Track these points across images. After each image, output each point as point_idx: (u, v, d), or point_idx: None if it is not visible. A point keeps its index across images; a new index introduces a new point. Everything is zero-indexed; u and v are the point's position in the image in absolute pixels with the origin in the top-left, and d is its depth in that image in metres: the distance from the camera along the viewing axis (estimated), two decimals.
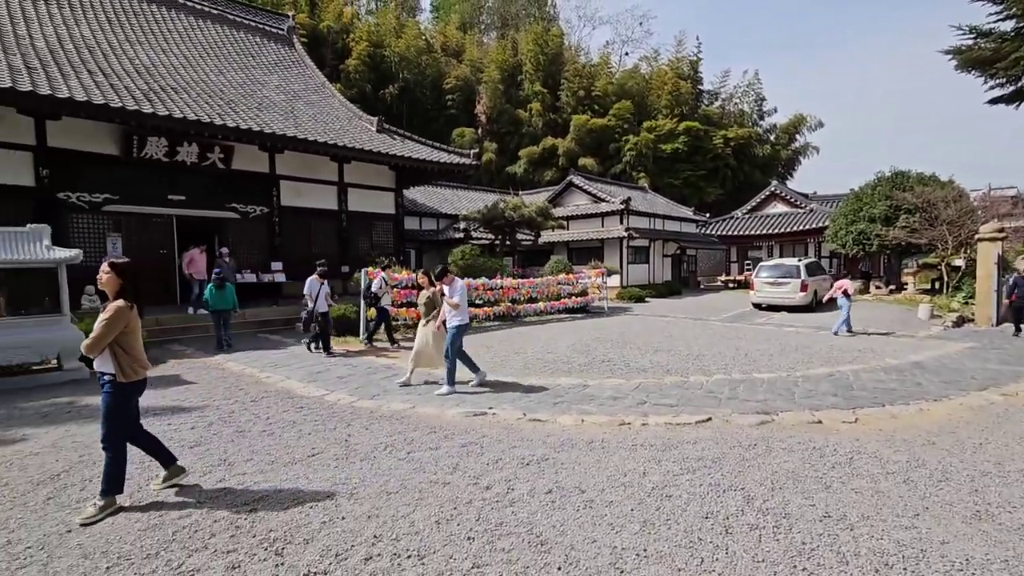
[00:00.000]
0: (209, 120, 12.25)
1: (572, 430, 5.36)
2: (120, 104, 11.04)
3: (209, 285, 10.35)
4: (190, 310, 12.27)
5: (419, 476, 4.13)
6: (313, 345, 10.16)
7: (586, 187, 26.38)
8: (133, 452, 3.95)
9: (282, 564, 2.89)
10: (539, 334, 12.41)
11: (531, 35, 42.27)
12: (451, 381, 7.02)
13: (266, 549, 3.03)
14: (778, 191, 28.23)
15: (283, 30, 21.75)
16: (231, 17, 20.08)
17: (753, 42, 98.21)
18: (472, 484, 3.97)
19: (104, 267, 3.66)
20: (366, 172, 17.19)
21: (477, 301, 14.09)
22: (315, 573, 2.81)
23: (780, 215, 26.92)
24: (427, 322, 7.45)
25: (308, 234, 16.30)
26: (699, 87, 44.27)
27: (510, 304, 14.86)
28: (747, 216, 28.17)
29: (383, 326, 11.10)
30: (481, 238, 21.89)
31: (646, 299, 21.29)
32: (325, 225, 16.66)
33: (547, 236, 23.61)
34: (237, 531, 3.25)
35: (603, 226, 24.75)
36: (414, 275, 12.64)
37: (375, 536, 3.19)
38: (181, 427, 5.43)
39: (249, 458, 4.54)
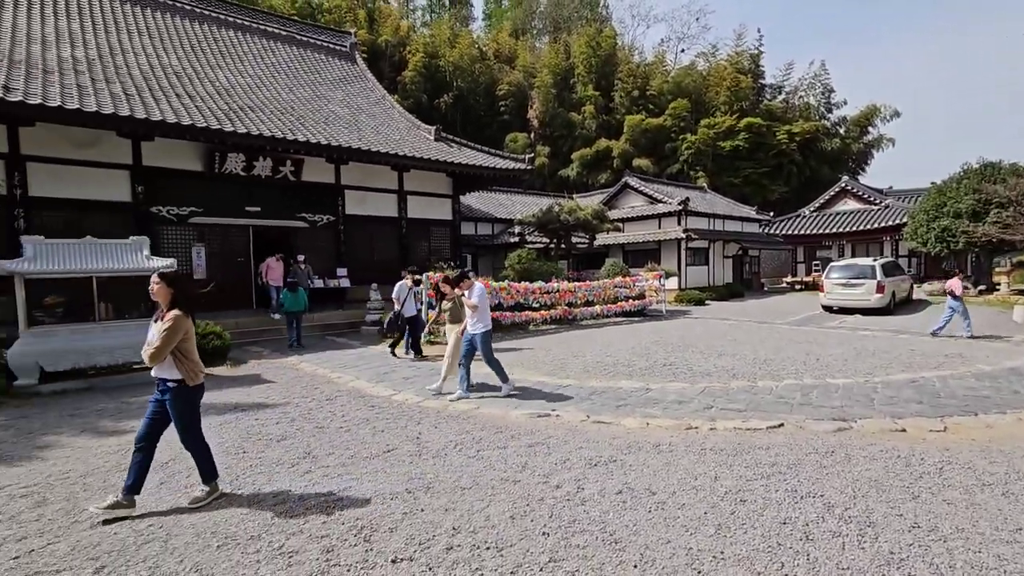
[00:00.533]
0: (282, 136, 13.06)
1: (637, 433, 5.35)
2: (205, 124, 11.97)
3: (284, 289, 11.13)
4: (274, 316, 13.04)
5: (490, 473, 4.26)
6: (397, 349, 10.24)
7: (642, 188, 26.00)
8: (226, 442, 4.31)
9: (371, 550, 3.09)
10: (597, 337, 12.37)
11: (583, 37, 42.16)
12: (504, 379, 7.09)
13: (355, 535, 3.25)
14: (849, 187, 26.75)
15: (346, 47, 22.80)
16: (300, 38, 21.29)
17: (819, 32, 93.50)
18: (542, 483, 4.07)
19: (155, 277, 3.75)
20: (424, 180, 17.73)
21: (534, 304, 14.20)
22: (402, 559, 2.99)
23: (851, 212, 25.50)
24: (454, 329, 7.42)
25: (370, 241, 16.98)
26: (760, 81, 42.64)
27: (566, 307, 14.87)
28: (815, 214, 26.87)
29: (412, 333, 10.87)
30: (536, 242, 22.02)
31: (706, 302, 20.72)
32: (386, 232, 17.30)
33: (602, 239, 23.43)
34: (328, 518, 3.49)
35: (660, 227, 24.31)
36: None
37: (454, 528, 3.34)
38: (267, 422, 5.84)
39: (330, 452, 4.84)
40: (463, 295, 7.18)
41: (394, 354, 10.15)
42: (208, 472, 3.89)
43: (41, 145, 11.43)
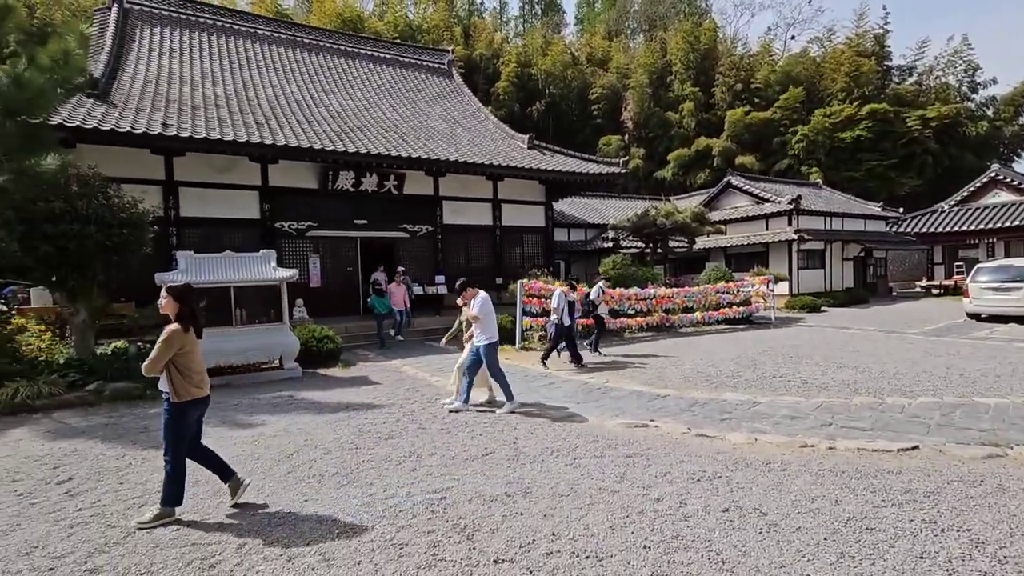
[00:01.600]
0: (386, 152, 13.97)
1: (745, 448, 5.04)
2: (321, 146, 13.13)
3: (372, 295, 12.00)
4: (398, 339, 13.21)
5: (587, 482, 4.24)
6: (549, 359, 9.86)
7: (746, 187, 24.49)
8: (341, 438, 4.65)
9: (474, 548, 3.20)
10: (697, 345, 11.82)
11: (680, 33, 40.76)
12: (509, 396, 6.76)
13: (459, 533, 3.38)
14: (1000, 176, 23.23)
15: (443, 64, 23.89)
16: (401, 59, 22.66)
17: (959, 2, 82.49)
18: (642, 495, 3.97)
19: (163, 292, 3.81)
20: (518, 188, 18.05)
21: (629, 311, 13.90)
22: (503, 560, 3.07)
23: (1003, 205, 22.14)
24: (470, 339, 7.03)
25: (466, 249, 17.58)
26: (886, 64, 38.56)
27: (663, 314, 14.38)
28: (956, 209, 23.67)
29: (595, 336, 11.20)
30: (631, 247, 21.53)
31: (822, 308, 19.03)
32: (481, 240, 17.82)
33: (702, 242, 22.38)
34: (433, 515, 3.67)
35: (767, 228, 22.74)
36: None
37: (553, 534, 3.36)
38: (376, 421, 6.25)
39: (433, 452, 5.07)
40: (466, 305, 6.89)
41: (545, 365, 9.70)
42: (169, 496, 3.71)
43: (189, 172, 13.17)
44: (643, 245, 20.53)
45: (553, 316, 9.77)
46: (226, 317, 9.10)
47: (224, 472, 3.99)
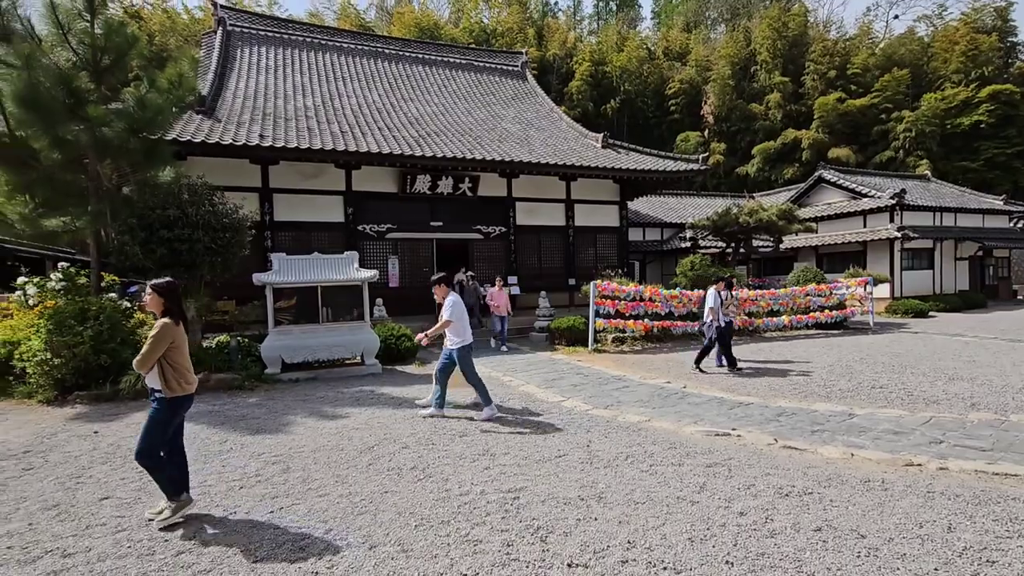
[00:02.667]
0: (462, 156, 14.30)
1: (840, 464, 4.67)
2: (400, 151, 13.67)
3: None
4: (503, 349, 12.35)
5: (664, 490, 4.09)
6: (704, 366, 9.24)
7: (841, 182, 22.72)
8: (417, 433, 4.77)
9: (547, 550, 3.19)
10: (784, 352, 11.11)
11: (767, 20, 38.57)
12: (487, 401, 6.47)
13: (532, 534, 3.38)
14: None
15: (517, 66, 24.10)
16: (476, 64, 23.12)
17: None
18: (723, 507, 3.78)
19: (148, 288, 3.79)
20: (591, 187, 17.84)
21: None
22: (577, 564, 3.03)
23: None
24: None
25: (538, 250, 17.61)
26: (1010, 39, 34.45)
27: (746, 318, 13.64)
28: None
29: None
30: (710, 246, 20.63)
31: (930, 313, 17.27)
32: (553, 240, 17.78)
33: (790, 241, 21.04)
34: (506, 513, 3.70)
35: (865, 226, 20.97)
36: (640, 287, 12.60)
37: (628, 542, 3.28)
38: (449, 418, 6.40)
39: (506, 452, 5.11)
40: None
41: (700, 369, 9.12)
42: (174, 487, 3.75)
43: (282, 179, 14.18)
44: (724, 245, 19.61)
45: (707, 316, 9.20)
46: (313, 315, 9.69)
47: (179, 487, 3.82)
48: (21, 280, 9.11)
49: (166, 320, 3.68)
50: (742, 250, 19.08)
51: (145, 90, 9.08)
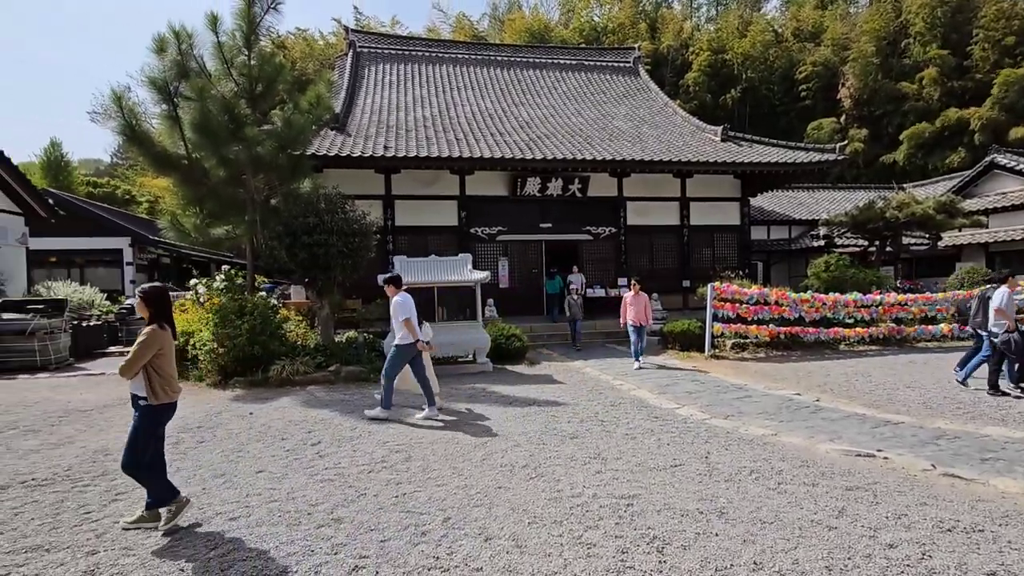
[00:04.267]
0: (572, 157, 14.29)
1: (1020, 500, 3.95)
2: (512, 155, 13.99)
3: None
4: (635, 363, 11.07)
5: (795, 512, 3.74)
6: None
7: (1020, 167, 19.26)
8: (528, 432, 4.83)
9: (664, 562, 3.07)
10: (943, 364, 9.67)
11: None
12: (385, 404, 6.56)
13: (648, 543, 3.27)
14: None
15: (629, 62, 23.56)
16: (586, 63, 22.99)
17: None
18: (867, 536, 3.36)
19: (137, 294, 3.80)
20: (709, 184, 16.89)
21: (847, 320, 11.99)
22: None
23: None
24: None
25: (650, 250, 17.05)
26: None
27: (893, 325, 12.07)
28: None
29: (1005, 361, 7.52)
30: (849, 244, 18.55)
31: None
32: (666, 241, 17.11)
33: (950, 238, 18.25)
34: (620, 520, 3.62)
35: None
36: (765, 289, 11.70)
37: (755, 563, 3.04)
38: (560, 419, 6.41)
39: (618, 456, 5.00)
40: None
41: (1000, 390, 7.34)
42: (165, 494, 3.68)
43: (403, 187, 15.16)
44: (866, 243, 17.53)
45: (992, 322, 7.35)
46: (429, 314, 10.23)
47: (163, 496, 3.72)
48: (193, 281, 10.69)
49: (153, 326, 3.62)
50: (889, 248, 16.90)
51: (290, 112, 10.22)
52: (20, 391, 8.56)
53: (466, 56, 22.20)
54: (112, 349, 13.19)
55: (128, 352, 3.61)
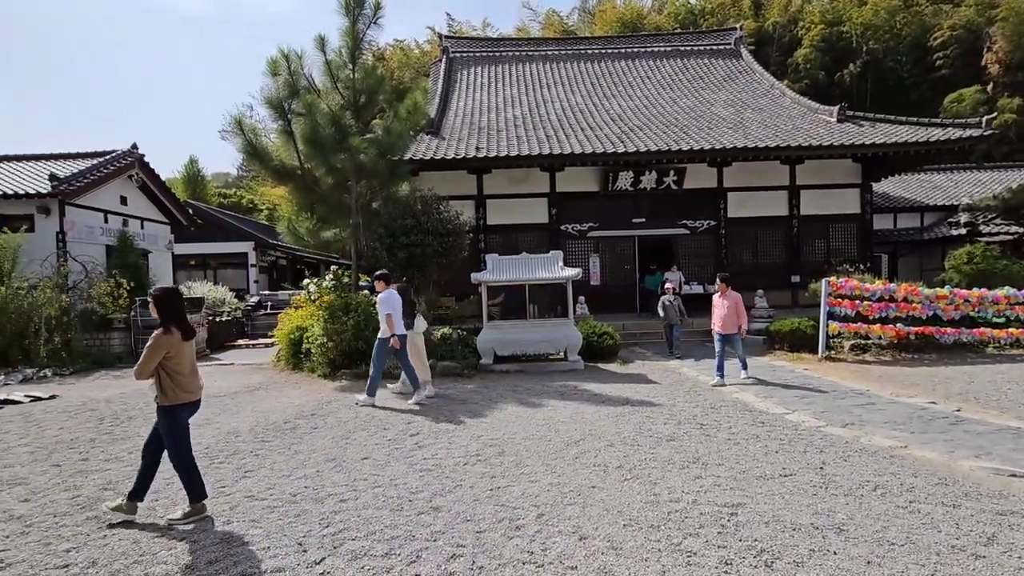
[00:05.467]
0: (667, 148, 13.73)
1: None
2: (603, 150, 13.74)
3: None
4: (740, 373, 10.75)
5: (932, 535, 3.31)
6: None
7: None
8: (622, 432, 4.69)
9: None
10: None
11: None
12: (370, 392, 7.23)
13: (755, 556, 3.05)
14: None
15: (730, 44, 22.21)
16: (682, 49, 22.00)
17: None
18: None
19: (150, 296, 3.88)
20: (822, 170, 15.46)
21: (994, 319, 10.43)
22: None
23: None
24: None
25: (753, 244, 15.97)
26: None
27: None
28: None
29: None
30: (997, 233, 16.12)
31: None
32: (772, 233, 15.92)
33: None
34: (723, 529, 3.41)
35: None
36: (891, 284, 10.52)
37: None
38: (656, 421, 6.18)
39: (720, 462, 4.72)
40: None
41: None
42: (194, 492, 3.80)
43: (494, 186, 15.44)
44: (1021, 230, 15.13)
45: None
46: (521, 312, 10.32)
47: (141, 491, 3.84)
48: (306, 280, 11.64)
49: (159, 331, 3.67)
50: None
51: (389, 120, 10.80)
52: None
53: (556, 52, 22.13)
54: (240, 342, 14.77)
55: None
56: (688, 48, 22.04)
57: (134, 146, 16.78)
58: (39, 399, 8.14)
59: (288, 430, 6.14)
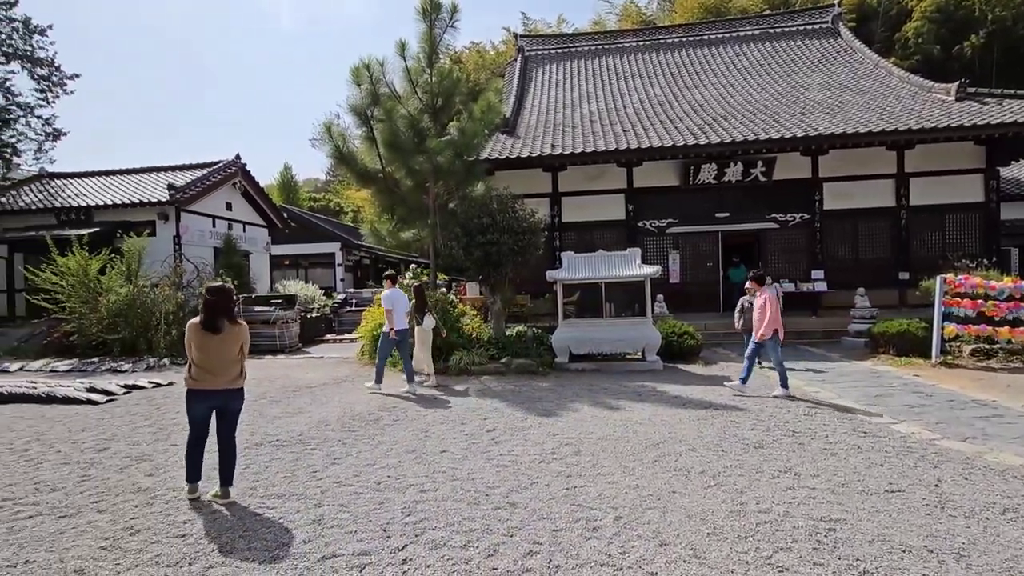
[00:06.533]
0: (755, 137, 12.94)
1: None
2: (683, 142, 13.20)
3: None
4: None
5: None
6: None
7: None
8: (705, 437, 4.47)
9: None
10: None
11: None
12: (377, 379, 8.17)
13: None
14: None
15: (827, 22, 20.58)
16: (771, 31, 20.65)
17: None
18: None
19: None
20: (937, 155, 13.91)
21: None
22: None
23: None
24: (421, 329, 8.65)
25: (853, 237, 14.69)
26: None
27: None
28: None
29: None
30: None
31: None
32: (876, 226, 14.55)
33: None
34: (819, 545, 3.15)
35: None
36: (1022, 282, 9.29)
37: None
38: (742, 426, 5.84)
39: (815, 473, 4.38)
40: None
41: None
42: (187, 473, 4.13)
43: (569, 183, 15.28)
44: None
45: None
46: (598, 310, 10.16)
47: (225, 477, 4.12)
48: None
49: (191, 321, 4.10)
50: None
51: (465, 121, 11.00)
52: (266, 369, 10.65)
53: (633, 44, 21.54)
54: (328, 337, 15.71)
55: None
56: (778, 30, 20.63)
57: (237, 156, 18.37)
58: (160, 385, 9.10)
59: (372, 421, 6.43)
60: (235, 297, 4.26)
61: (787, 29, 20.59)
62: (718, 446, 5.13)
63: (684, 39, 21.17)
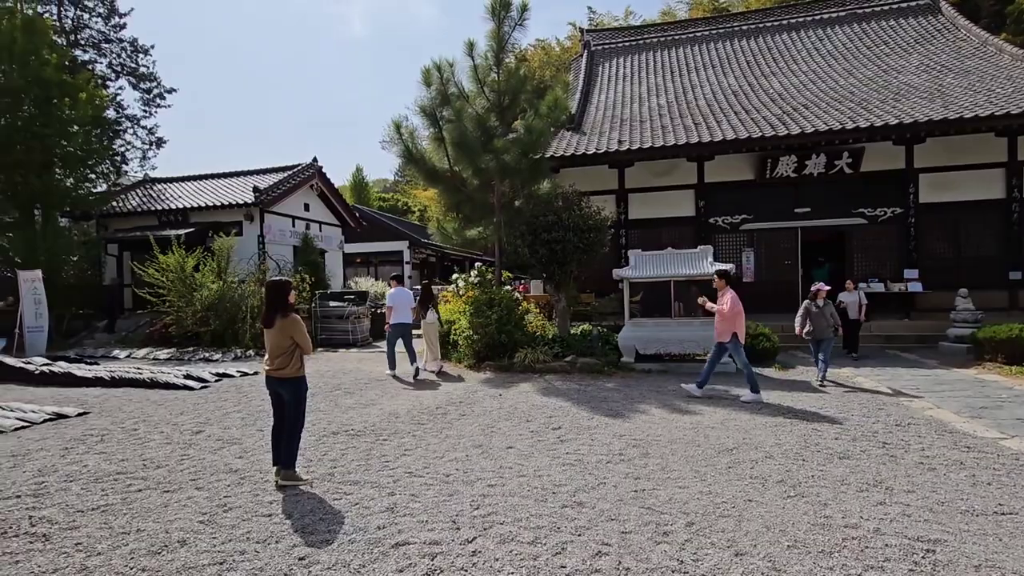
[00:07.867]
0: (840, 127, 12.11)
1: None
2: (760, 134, 12.55)
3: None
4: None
5: None
6: None
7: None
8: (783, 445, 4.22)
9: None
10: None
11: None
12: (391, 366, 9.33)
13: None
14: None
15: None
16: (859, 12, 19.22)
17: None
18: None
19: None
20: None
21: None
22: None
23: None
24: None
25: (953, 233, 13.42)
26: None
27: None
28: None
29: None
30: None
31: None
32: (981, 220, 13.22)
33: None
34: (915, 566, 2.89)
35: None
36: None
37: None
38: (825, 435, 5.48)
39: (909, 489, 4.04)
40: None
41: None
42: (288, 459, 4.43)
43: (636, 180, 14.95)
44: None
45: None
46: (666, 309, 9.87)
47: (281, 458, 4.41)
48: (454, 276, 12.39)
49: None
50: None
51: (531, 118, 11.01)
52: (340, 362, 11.18)
53: (705, 33, 20.71)
54: None
55: None
56: (867, 10, 19.13)
57: (314, 159, 19.39)
58: (246, 374, 9.79)
59: (439, 415, 6.60)
60: (287, 291, 4.43)
61: (877, 8, 19.05)
62: (798, 455, 4.85)
63: (761, 25, 20.10)
